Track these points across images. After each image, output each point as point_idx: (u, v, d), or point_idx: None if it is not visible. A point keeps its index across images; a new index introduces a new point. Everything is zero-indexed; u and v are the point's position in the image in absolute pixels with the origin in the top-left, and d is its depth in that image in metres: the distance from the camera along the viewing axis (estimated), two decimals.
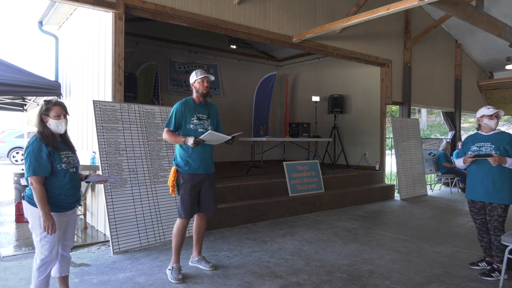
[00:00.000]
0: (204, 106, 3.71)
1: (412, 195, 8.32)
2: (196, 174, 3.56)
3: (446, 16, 8.45)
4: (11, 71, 5.44)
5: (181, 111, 3.56)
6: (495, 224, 3.64)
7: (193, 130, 3.55)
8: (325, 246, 4.57)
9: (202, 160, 3.58)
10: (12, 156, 14.82)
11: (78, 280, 3.45)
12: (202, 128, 3.60)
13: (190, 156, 3.54)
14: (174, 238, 3.60)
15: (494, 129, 3.76)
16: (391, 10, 5.40)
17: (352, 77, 9.33)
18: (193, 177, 3.55)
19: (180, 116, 3.55)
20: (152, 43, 8.52)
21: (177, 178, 3.58)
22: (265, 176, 6.70)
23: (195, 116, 3.59)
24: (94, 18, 5.55)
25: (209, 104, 3.79)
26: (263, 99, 10.01)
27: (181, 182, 3.55)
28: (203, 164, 3.59)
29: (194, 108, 3.62)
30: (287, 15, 6.62)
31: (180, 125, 3.57)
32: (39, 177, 2.55)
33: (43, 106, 2.69)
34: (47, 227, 2.55)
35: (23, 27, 32.21)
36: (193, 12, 5.50)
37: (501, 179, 3.61)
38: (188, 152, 3.54)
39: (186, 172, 3.54)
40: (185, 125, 3.56)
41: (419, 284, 3.45)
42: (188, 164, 3.54)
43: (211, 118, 3.71)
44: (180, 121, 3.56)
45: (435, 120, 25.77)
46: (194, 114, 3.60)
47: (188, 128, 3.56)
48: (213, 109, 3.80)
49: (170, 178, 3.60)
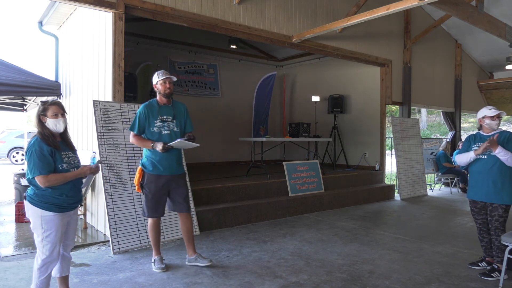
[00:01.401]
0: (169, 107, 3.72)
1: (412, 195, 8.32)
2: (160, 176, 3.63)
3: (446, 16, 8.45)
4: (11, 71, 5.44)
5: (145, 114, 3.61)
6: (496, 224, 3.64)
7: (157, 132, 3.61)
8: (325, 246, 4.57)
9: (168, 161, 3.64)
10: (12, 156, 14.82)
11: (78, 280, 3.45)
12: (167, 130, 3.64)
13: (155, 158, 3.61)
14: (149, 234, 3.81)
15: (495, 129, 3.76)
16: (391, 10, 5.40)
17: (352, 77, 9.33)
18: (157, 178, 3.63)
19: (144, 119, 3.60)
20: (152, 43, 8.52)
21: (142, 177, 3.67)
22: (265, 176, 6.70)
23: (158, 119, 3.63)
24: (94, 18, 5.55)
25: (176, 104, 3.80)
26: (263, 99, 10.01)
27: (145, 182, 3.65)
28: (168, 166, 3.64)
29: (157, 110, 3.64)
30: (287, 15, 6.62)
31: (144, 129, 3.62)
32: (46, 176, 2.56)
33: (40, 107, 2.72)
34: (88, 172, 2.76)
35: (23, 27, 32.24)
36: (193, 12, 5.50)
37: (502, 180, 3.61)
38: (154, 153, 3.61)
39: (151, 172, 3.63)
40: (148, 128, 3.61)
41: (419, 284, 3.45)
42: (153, 166, 3.62)
43: (177, 119, 3.72)
44: (144, 124, 3.61)
45: (435, 120, 25.78)
46: (158, 116, 3.63)
47: (152, 131, 3.61)
48: (179, 109, 3.80)
49: (136, 177, 3.70)
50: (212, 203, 5.57)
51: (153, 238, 3.78)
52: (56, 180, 2.60)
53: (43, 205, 2.61)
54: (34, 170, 2.56)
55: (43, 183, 2.57)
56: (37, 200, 2.62)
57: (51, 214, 2.62)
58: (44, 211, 2.61)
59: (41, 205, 2.61)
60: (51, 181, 2.58)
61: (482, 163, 3.71)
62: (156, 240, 3.79)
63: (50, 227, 2.62)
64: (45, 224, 2.62)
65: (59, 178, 2.61)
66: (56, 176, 2.60)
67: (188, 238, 3.84)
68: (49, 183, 2.58)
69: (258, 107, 9.99)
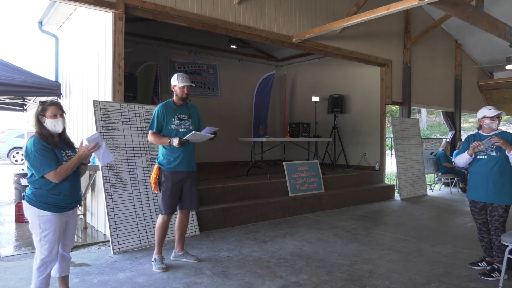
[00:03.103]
0: (185, 107, 3.89)
1: (412, 195, 8.32)
2: (177, 172, 3.74)
3: (446, 16, 8.45)
4: (11, 71, 5.43)
5: (162, 113, 3.75)
6: (496, 225, 3.64)
7: (174, 130, 3.75)
8: (325, 246, 4.57)
9: (184, 158, 3.76)
10: (12, 156, 14.81)
11: (78, 280, 3.45)
12: (184, 127, 3.79)
13: (172, 154, 3.72)
14: (157, 232, 3.84)
15: (495, 129, 3.75)
16: (391, 10, 5.40)
17: (352, 77, 9.33)
18: (174, 175, 3.74)
19: (161, 118, 3.74)
20: (152, 43, 8.52)
21: (159, 175, 3.76)
22: (265, 176, 6.70)
23: (176, 117, 3.78)
24: (94, 18, 5.55)
25: (190, 105, 3.98)
26: (263, 99, 10.01)
27: (163, 180, 3.74)
28: (185, 162, 3.77)
29: (174, 109, 3.81)
30: (287, 15, 6.62)
31: (162, 127, 3.75)
32: (56, 170, 2.57)
33: (39, 107, 2.72)
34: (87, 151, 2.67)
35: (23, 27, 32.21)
36: (193, 12, 5.50)
37: (501, 180, 3.61)
38: (170, 150, 3.72)
39: (168, 169, 3.73)
40: (166, 125, 3.75)
41: (419, 284, 3.45)
42: (170, 162, 3.73)
43: (192, 118, 3.89)
44: (162, 122, 3.75)
45: (435, 120, 25.77)
46: (175, 115, 3.79)
47: (170, 128, 3.74)
48: (194, 110, 3.98)
49: (153, 176, 3.79)
50: (212, 203, 5.57)
51: (159, 236, 3.82)
52: (66, 170, 2.60)
53: (41, 205, 2.61)
54: (44, 168, 2.55)
55: (56, 177, 2.58)
56: (35, 200, 2.62)
57: (49, 214, 2.62)
58: (42, 211, 2.61)
59: (39, 205, 2.61)
60: (61, 173, 2.59)
61: (483, 164, 3.71)
62: (162, 239, 3.84)
63: (48, 227, 2.62)
64: (43, 224, 2.61)
65: (66, 167, 2.61)
66: (64, 167, 2.60)
67: (182, 234, 3.99)
68: (60, 175, 2.58)
69: (258, 107, 10.00)
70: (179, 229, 3.97)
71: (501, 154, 3.61)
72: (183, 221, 3.95)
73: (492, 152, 3.65)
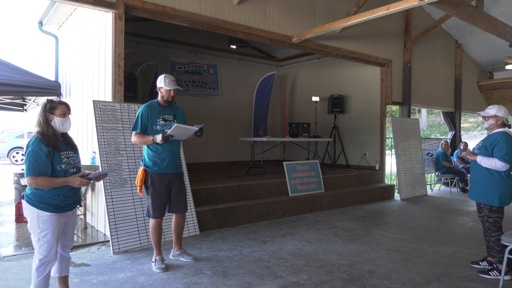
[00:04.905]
0: (170, 108, 3.84)
1: (412, 195, 8.32)
2: (164, 174, 3.70)
3: (446, 16, 8.45)
4: (11, 71, 5.43)
5: (147, 113, 3.69)
6: (486, 225, 3.69)
7: (160, 131, 3.69)
8: (325, 246, 4.57)
9: (170, 159, 3.72)
10: (12, 156, 14.81)
11: (78, 280, 3.45)
12: (169, 128, 3.70)
13: (158, 156, 3.68)
14: (151, 235, 3.82)
15: (487, 129, 3.81)
16: (391, 10, 5.40)
17: (352, 77, 9.33)
18: (162, 177, 3.69)
19: (146, 118, 3.68)
20: (152, 43, 8.51)
21: (145, 178, 3.70)
22: (265, 176, 6.70)
23: (160, 118, 3.73)
24: (94, 18, 5.55)
25: (175, 106, 3.93)
26: (262, 99, 10.01)
27: (149, 183, 3.69)
28: (171, 163, 3.73)
29: (159, 110, 3.75)
30: (287, 15, 6.62)
31: (146, 128, 3.69)
32: (35, 177, 2.55)
33: (48, 105, 2.69)
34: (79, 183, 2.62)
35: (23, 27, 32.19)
36: (193, 12, 5.50)
37: (480, 179, 3.69)
38: (157, 152, 3.68)
39: (155, 172, 3.68)
40: (151, 126, 3.69)
41: (419, 284, 3.45)
42: (157, 164, 3.68)
43: (177, 119, 3.83)
44: (146, 123, 3.69)
45: (435, 120, 25.79)
46: (160, 115, 3.73)
47: (155, 129, 3.69)
48: (179, 111, 3.93)
49: (138, 178, 3.71)
50: (212, 203, 5.57)
51: (155, 238, 3.81)
52: (44, 184, 2.57)
53: (40, 205, 2.61)
54: (28, 171, 2.56)
55: (31, 184, 2.56)
56: (34, 200, 2.62)
57: (48, 214, 2.62)
58: (41, 211, 2.61)
59: (38, 205, 2.61)
60: (38, 184, 2.56)
61: (471, 163, 3.84)
62: (158, 241, 3.83)
63: (46, 227, 2.62)
64: (41, 224, 2.61)
65: (46, 182, 2.57)
66: (43, 180, 2.56)
67: (178, 236, 4.00)
68: (36, 185, 2.56)
69: (258, 107, 10.00)
70: (175, 231, 3.98)
71: (479, 151, 3.70)
72: (178, 223, 3.95)
73: (475, 150, 3.78)
